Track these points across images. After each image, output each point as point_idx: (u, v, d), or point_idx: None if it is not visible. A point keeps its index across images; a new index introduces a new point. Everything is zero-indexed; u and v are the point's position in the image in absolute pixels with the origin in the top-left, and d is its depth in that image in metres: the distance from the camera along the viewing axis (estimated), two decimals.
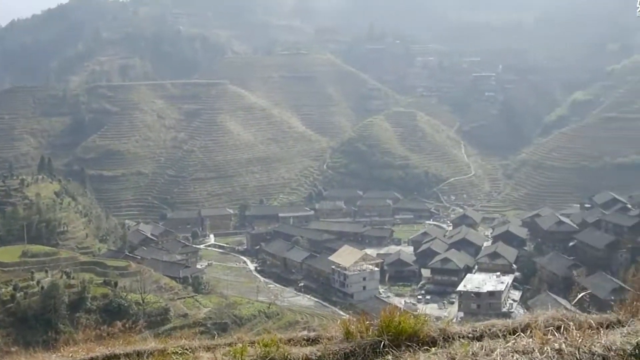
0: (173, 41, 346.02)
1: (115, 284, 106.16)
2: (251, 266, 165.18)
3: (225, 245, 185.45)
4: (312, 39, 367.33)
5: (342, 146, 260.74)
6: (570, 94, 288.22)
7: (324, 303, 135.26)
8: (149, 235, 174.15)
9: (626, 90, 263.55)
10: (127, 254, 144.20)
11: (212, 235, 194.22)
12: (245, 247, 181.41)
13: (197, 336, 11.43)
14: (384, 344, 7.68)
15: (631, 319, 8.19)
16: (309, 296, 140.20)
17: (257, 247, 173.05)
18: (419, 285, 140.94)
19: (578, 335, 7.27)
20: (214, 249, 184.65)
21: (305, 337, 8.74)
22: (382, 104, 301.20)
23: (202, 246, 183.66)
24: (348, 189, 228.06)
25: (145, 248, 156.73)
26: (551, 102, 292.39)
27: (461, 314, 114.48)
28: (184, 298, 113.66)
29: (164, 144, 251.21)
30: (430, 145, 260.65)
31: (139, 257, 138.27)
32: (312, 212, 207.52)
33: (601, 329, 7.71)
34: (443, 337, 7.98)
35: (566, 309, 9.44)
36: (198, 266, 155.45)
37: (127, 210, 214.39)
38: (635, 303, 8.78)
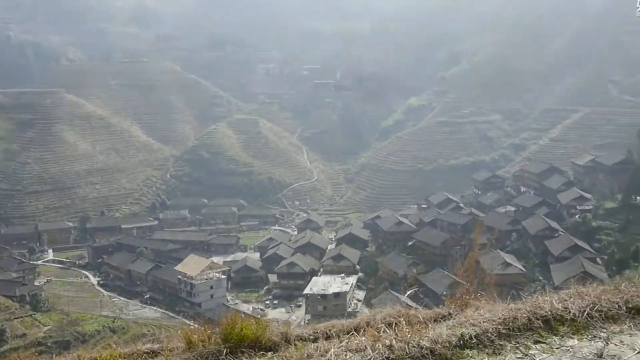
0: (3, 48, 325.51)
1: None
2: (93, 280, 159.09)
3: (65, 260, 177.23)
4: (152, 47, 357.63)
5: (186, 154, 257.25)
6: (405, 100, 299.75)
7: (171, 314, 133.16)
8: None
9: (455, 96, 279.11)
10: None
11: (50, 250, 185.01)
12: (86, 260, 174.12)
13: (36, 356, 11.04)
14: (225, 352, 7.75)
15: (458, 312, 8.67)
16: (155, 307, 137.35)
17: (99, 260, 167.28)
18: (266, 291, 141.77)
19: (408, 330, 7.55)
20: (53, 264, 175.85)
21: (147, 350, 8.67)
22: (225, 112, 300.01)
23: (40, 262, 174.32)
24: (192, 197, 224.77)
25: None
26: (388, 107, 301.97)
27: (308, 317, 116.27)
28: (22, 317, 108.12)
29: None
30: (273, 151, 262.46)
31: None
32: (156, 222, 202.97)
33: (430, 323, 8.10)
34: (285, 341, 8.12)
35: (406, 305, 9.83)
36: (36, 283, 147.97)
37: None
38: (464, 296, 9.31)
